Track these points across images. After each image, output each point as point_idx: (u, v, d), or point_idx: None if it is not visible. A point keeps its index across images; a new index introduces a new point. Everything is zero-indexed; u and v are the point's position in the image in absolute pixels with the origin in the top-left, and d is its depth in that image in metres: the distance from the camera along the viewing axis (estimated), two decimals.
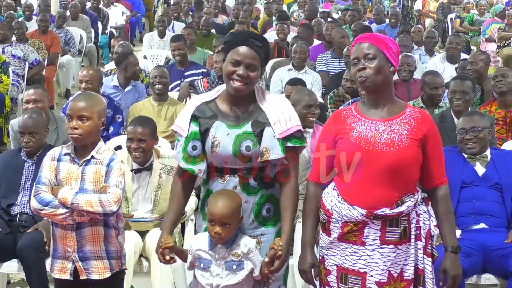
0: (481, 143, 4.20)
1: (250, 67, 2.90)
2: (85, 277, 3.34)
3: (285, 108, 2.96)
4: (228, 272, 2.93)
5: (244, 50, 2.90)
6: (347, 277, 2.92)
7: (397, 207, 2.85)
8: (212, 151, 2.93)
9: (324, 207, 2.97)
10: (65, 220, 3.27)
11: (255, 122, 2.93)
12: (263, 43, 2.97)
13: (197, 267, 2.98)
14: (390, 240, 2.87)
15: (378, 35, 2.98)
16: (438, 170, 2.94)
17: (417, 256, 2.91)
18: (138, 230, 4.27)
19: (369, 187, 2.85)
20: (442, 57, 8.25)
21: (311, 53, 8.29)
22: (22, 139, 4.33)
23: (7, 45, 8.44)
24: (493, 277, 4.00)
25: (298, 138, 2.96)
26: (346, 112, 3.00)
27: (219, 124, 2.95)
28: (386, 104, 2.94)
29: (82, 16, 11.49)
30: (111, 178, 3.31)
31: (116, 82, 6.64)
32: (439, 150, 2.95)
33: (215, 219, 2.89)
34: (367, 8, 14.86)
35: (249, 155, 2.90)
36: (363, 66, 2.88)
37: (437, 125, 3.02)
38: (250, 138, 2.91)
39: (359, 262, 2.89)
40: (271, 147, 2.89)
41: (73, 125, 3.28)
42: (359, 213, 2.86)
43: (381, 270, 2.87)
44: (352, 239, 2.90)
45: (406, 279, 2.89)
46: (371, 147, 2.86)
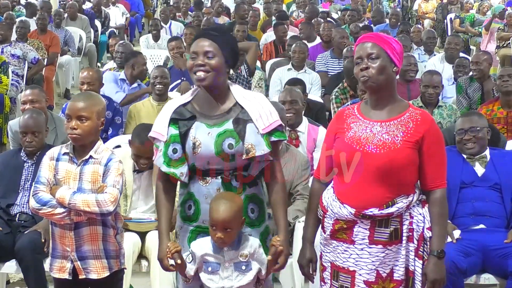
0: (480, 143, 4.19)
1: (207, 54, 2.88)
2: (84, 277, 3.34)
3: (264, 104, 2.95)
4: (238, 273, 2.91)
5: (199, 41, 2.92)
6: (338, 275, 2.94)
7: (387, 208, 2.85)
8: (194, 152, 2.89)
9: (321, 204, 3.00)
10: (63, 219, 3.27)
11: (236, 120, 2.90)
12: (220, 31, 2.96)
13: (205, 271, 2.94)
14: (378, 240, 2.87)
15: (382, 35, 2.97)
16: (434, 173, 2.91)
17: (408, 258, 2.90)
18: (137, 231, 4.27)
19: (360, 187, 2.86)
20: (441, 57, 8.26)
21: (310, 53, 8.29)
22: (24, 139, 4.33)
23: (6, 45, 8.44)
24: (492, 277, 3.99)
25: (281, 132, 2.94)
26: (349, 111, 3.01)
27: (198, 124, 2.92)
28: (387, 104, 2.93)
29: (81, 16, 11.50)
30: (109, 178, 3.30)
31: (123, 76, 6.75)
32: (438, 152, 2.92)
33: (216, 224, 2.85)
34: (367, 8, 14.87)
35: (232, 153, 2.87)
36: (366, 66, 2.88)
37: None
38: (232, 136, 2.88)
39: (349, 260, 2.92)
40: (257, 143, 2.87)
41: (72, 125, 3.27)
42: (348, 211, 2.88)
43: (369, 269, 2.88)
44: (342, 237, 2.92)
45: (396, 280, 2.89)
46: (361, 148, 2.87)
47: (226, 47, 2.92)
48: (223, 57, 2.91)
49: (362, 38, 2.98)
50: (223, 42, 2.92)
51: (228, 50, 2.93)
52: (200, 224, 2.96)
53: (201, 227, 2.96)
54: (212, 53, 2.88)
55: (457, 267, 3.79)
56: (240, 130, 2.88)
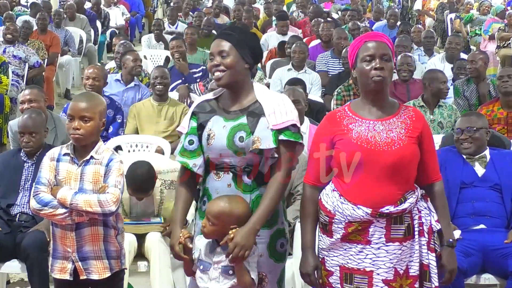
0: (476, 143, 4.17)
1: (221, 54, 2.94)
2: (85, 277, 3.34)
3: (283, 102, 2.95)
4: (225, 277, 2.90)
5: (215, 42, 2.98)
6: (352, 277, 2.92)
7: (401, 204, 2.86)
8: (207, 143, 2.95)
9: (325, 209, 2.95)
10: (64, 220, 3.27)
11: (250, 113, 2.94)
12: (236, 30, 3.01)
13: (198, 268, 2.97)
14: (395, 237, 2.88)
15: (387, 37, 3.00)
16: (434, 166, 2.98)
17: (421, 252, 2.92)
18: (135, 233, 4.27)
19: (372, 186, 2.86)
20: (442, 57, 8.25)
21: (310, 53, 8.30)
22: (22, 139, 4.33)
23: (10, 45, 8.45)
24: (492, 277, 4.00)
25: (293, 132, 2.92)
26: (341, 113, 2.99)
27: (216, 118, 2.98)
28: (383, 103, 2.95)
29: (79, 16, 11.50)
30: (110, 178, 3.30)
31: (119, 77, 6.79)
32: (433, 147, 3.00)
33: (208, 213, 2.88)
34: (367, 8, 14.87)
35: (242, 146, 2.89)
36: (382, 66, 2.88)
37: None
38: (244, 129, 2.91)
39: (364, 261, 2.89)
40: (263, 137, 2.88)
41: (75, 126, 3.28)
42: (364, 212, 2.86)
43: (387, 267, 2.88)
44: (356, 238, 2.90)
45: (412, 275, 2.90)
46: (372, 146, 2.87)
47: (242, 45, 2.95)
48: (239, 55, 2.94)
49: (375, 36, 2.96)
50: (238, 41, 2.95)
51: (245, 48, 2.96)
52: None
53: None
54: (226, 52, 2.93)
55: (457, 267, 3.78)
56: (253, 124, 2.91)
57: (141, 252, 4.29)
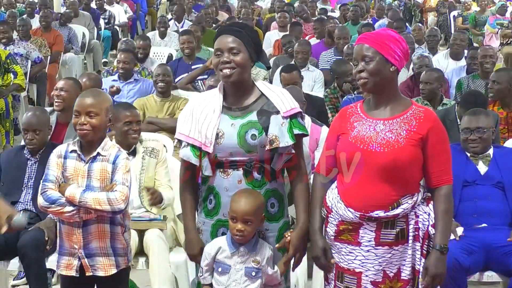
0: (484, 143, 4.17)
1: (232, 50, 2.91)
2: (91, 274, 3.35)
3: (287, 94, 3.00)
4: (246, 278, 2.92)
5: (222, 38, 2.94)
6: (343, 276, 2.94)
7: (392, 210, 2.85)
8: (216, 143, 2.92)
9: (325, 204, 2.99)
10: (72, 217, 3.28)
11: (261, 111, 2.94)
12: (242, 27, 2.99)
13: (215, 271, 2.96)
14: (385, 241, 2.88)
15: (378, 35, 2.94)
16: (439, 170, 2.91)
17: (415, 257, 2.90)
18: (135, 229, 4.27)
19: (365, 187, 2.86)
20: (446, 54, 8.22)
21: (312, 50, 8.29)
22: (26, 136, 4.35)
23: (8, 45, 8.44)
24: (495, 274, 4.00)
25: (300, 123, 2.96)
26: (352, 109, 3.01)
27: (222, 116, 2.96)
28: (389, 103, 2.93)
29: (83, 13, 11.52)
30: (117, 176, 3.31)
31: (116, 77, 6.89)
32: (442, 149, 2.92)
33: (237, 216, 2.87)
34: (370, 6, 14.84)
35: (255, 144, 2.90)
36: (361, 69, 2.88)
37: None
38: (256, 127, 2.91)
39: (354, 262, 2.91)
40: (280, 134, 2.89)
41: (81, 121, 3.29)
42: (354, 215, 2.87)
43: (376, 270, 2.89)
44: (347, 238, 2.92)
45: (403, 279, 2.90)
46: (365, 147, 2.86)
47: (249, 42, 2.95)
48: (247, 53, 2.93)
49: (359, 39, 2.96)
50: (246, 37, 2.94)
51: (251, 45, 2.95)
52: (220, 217, 2.99)
53: (222, 220, 2.99)
54: (237, 49, 2.91)
55: (460, 264, 3.79)
56: (264, 121, 2.91)
57: (141, 248, 4.30)
